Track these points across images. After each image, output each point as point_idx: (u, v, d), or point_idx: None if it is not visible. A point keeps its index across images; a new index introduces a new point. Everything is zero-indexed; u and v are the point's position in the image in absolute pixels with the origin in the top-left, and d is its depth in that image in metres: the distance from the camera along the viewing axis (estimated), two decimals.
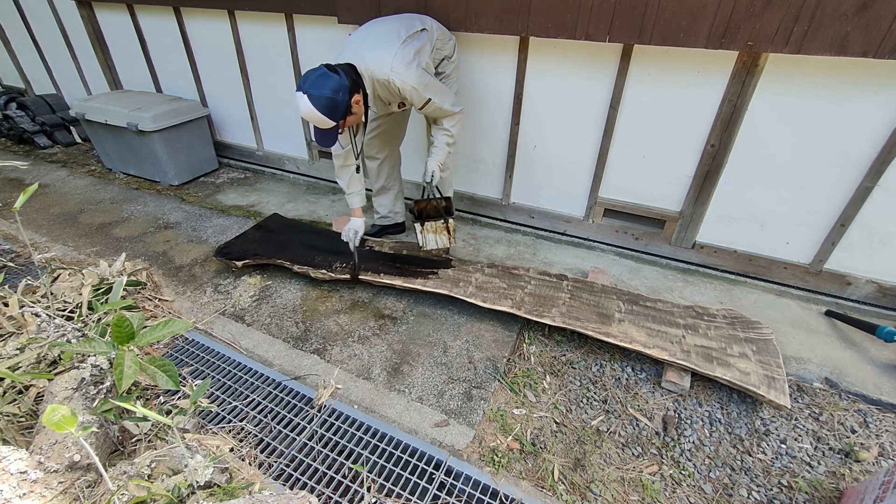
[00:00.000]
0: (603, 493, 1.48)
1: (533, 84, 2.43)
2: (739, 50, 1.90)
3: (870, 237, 2.09)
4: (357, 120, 1.98)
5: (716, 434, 1.66)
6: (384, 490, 1.46)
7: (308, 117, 1.80)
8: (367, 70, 1.89)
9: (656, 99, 2.20)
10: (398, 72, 1.86)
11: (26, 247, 2.66)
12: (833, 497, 1.47)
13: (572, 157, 2.54)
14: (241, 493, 1.34)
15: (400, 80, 1.87)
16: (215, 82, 3.59)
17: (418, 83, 1.90)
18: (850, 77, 1.84)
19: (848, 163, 1.99)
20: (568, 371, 1.91)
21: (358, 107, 1.89)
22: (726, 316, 2.06)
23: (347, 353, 2.00)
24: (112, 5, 3.59)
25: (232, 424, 1.66)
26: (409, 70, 1.88)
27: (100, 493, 1.23)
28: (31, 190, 1.66)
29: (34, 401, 1.56)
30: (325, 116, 1.78)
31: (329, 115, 1.78)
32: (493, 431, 1.66)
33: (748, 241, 2.35)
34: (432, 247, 2.35)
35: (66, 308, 2.05)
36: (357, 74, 1.88)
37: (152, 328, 1.39)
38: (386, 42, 1.92)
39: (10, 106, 4.23)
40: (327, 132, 1.88)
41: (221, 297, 2.34)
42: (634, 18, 1.96)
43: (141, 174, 3.63)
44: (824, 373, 1.90)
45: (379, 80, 1.91)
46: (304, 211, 3.16)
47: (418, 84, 1.90)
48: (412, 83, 1.89)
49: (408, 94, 1.93)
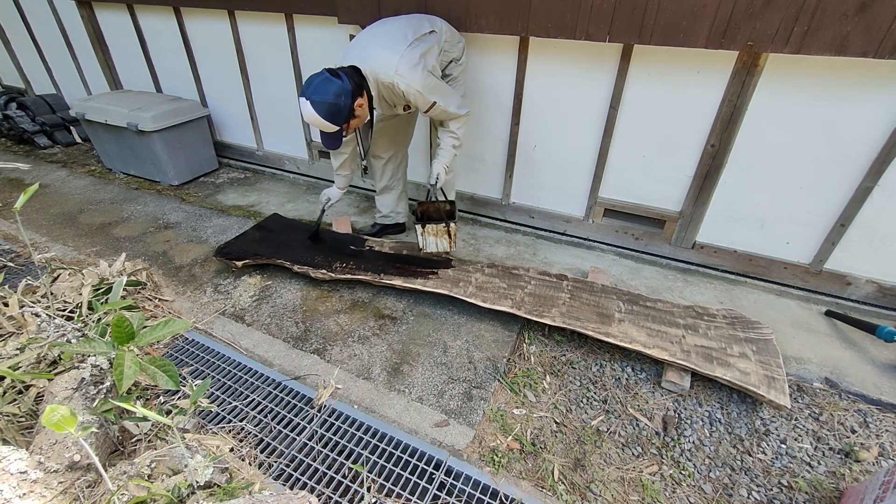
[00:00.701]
0: (603, 493, 1.48)
1: (533, 84, 2.43)
2: (739, 50, 1.90)
3: (870, 237, 2.09)
4: (361, 123, 1.98)
5: (716, 434, 1.66)
6: (384, 490, 1.46)
7: (312, 122, 1.82)
8: (372, 72, 1.89)
9: (656, 99, 2.20)
10: (403, 75, 1.85)
11: (26, 247, 2.66)
12: (833, 497, 1.47)
13: (572, 157, 2.54)
14: (241, 493, 1.34)
15: (404, 84, 1.86)
16: (215, 82, 3.59)
17: (423, 86, 1.89)
18: (850, 77, 1.84)
19: (848, 163, 1.99)
20: (568, 371, 1.91)
21: (361, 110, 1.89)
22: (726, 316, 2.06)
23: (347, 353, 2.00)
24: (112, 5, 3.59)
25: (232, 424, 1.66)
26: (413, 73, 1.87)
27: (100, 493, 1.23)
28: (31, 190, 1.66)
29: (34, 401, 1.56)
30: (328, 121, 1.79)
31: (332, 120, 1.80)
32: (493, 431, 1.66)
33: (748, 241, 2.35)
34: (432, 249, 2.35)
35: (66, 308, 2.05)
36: (361, 77, 1.87)
37: (152, 328, 1.39)
38: (392, 44, 1.91)
39: (10, 106, 4.23)
40: (332, 136, 1.90)
41: (221, 297, 2.34)
42: (634, 18, 1.96)
43: (141, 174, 3.63)
44: (824, 373, 1.90)
45: (383, 83, 1.90)
46: (304, 211, 3.16)
47: (423, 87, 1.89)
48: (417, 86, 1.88)
49: (412, 98, 1.92)
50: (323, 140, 1.95)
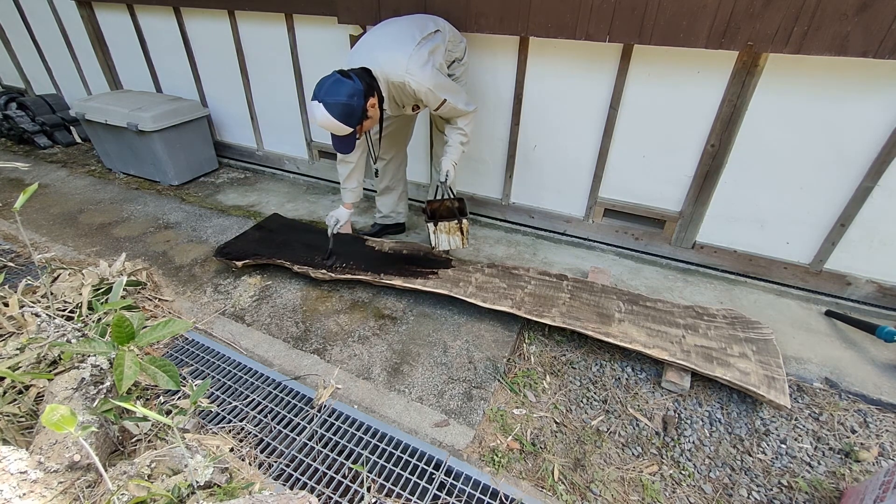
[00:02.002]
0: (603, 493, 1.48)
1: (533, 84, 2.43)
2: (739, 50, 1.90)
3: (870, 237, 2.09)
4: (373, 124, 1.97)
5: (716, 434, 1.66)
6: (384, 490, 1.46)
7: (325, 126, 1.79)
8: (382, 72, 1.88)
9: (656, 99, 2.20)
10: (413, 74, 1.85)
11: (26, 247, 2.66)
12: (833, 497, 1.47)
13: (572, 157, 2.54)
14: (241, 493, 1.34)
15: (416, 82, 1.86)
16: (215, 82, 3.59)
17: (434, 84, 1.89)
18: (851, 77, 1.84)
19: (848, 163, 1.99)
20: (568, 371, 1.91)
21: (374, 110, 1.87)
22: (726, 316, 2.06)
23: (347, 353, 2.00)
24: (112, 5, 3.59)
25: (232, 424, 1.66)
26: (424, 71, 1.87)
27: (100, 493, 1.23)
28: (30, 190, 1.66)
29: (34, 401, 1.56)
30: (341, 123, 1.76)
31: (345, 122, 1.77)
32: (493, 431, 1.66)
33: (748, 241, 2.35)
34: (445, 247, 2.33)
35: (66, 308, 2.05)
36: (371, 77, 1.86)
37: (152, 328, 1.39)
38: (401, 44, 1.90)
39: (10, 106, 4.23)
40: (345, 139, 1.87)
41: (221, 297, 2.34)
42: (634, 18, 1.96)
43: (141, 174, 3.63)
44: (824, 373, 1.90)
45: (394, 83, 1.90)
46: (304, 211, 3.16)
47: (434, 85, 1.89)
48: (428, 85, 1.88)
49: (423, 96, 1.91)
50: (335, 144, 1.91)
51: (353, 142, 1.91)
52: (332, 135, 1.87)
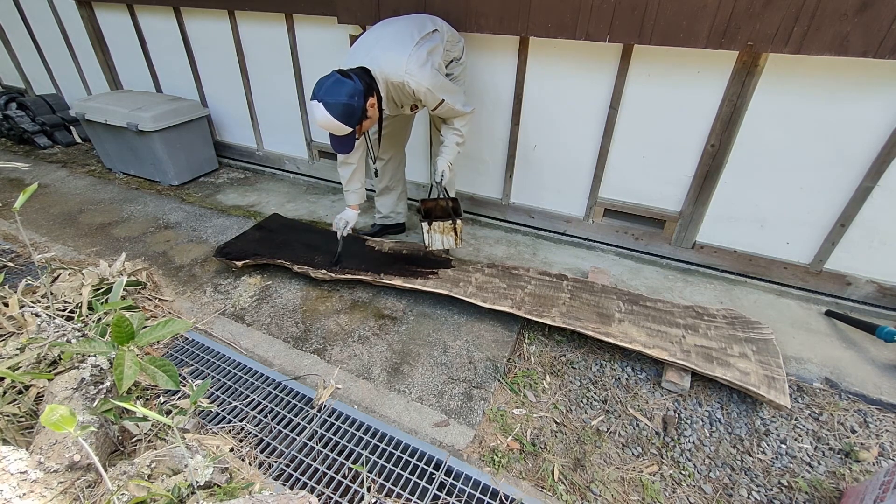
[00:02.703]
0: (603, 493, 1.48)
1: (533, 84, 2.43)
2: (739, 50, 1.90)
3: (870, 237, 2.09)
4: (372, 124, 1.97)
5: (716, 434, 1.66)
6: (384, 490, 1.46)
7: (325, 126, 1.79)
8: (381, 72, 1.88)
9: (656, 99, 2.20)
10: (413, 73, 1.85)
11: (26, 247, 2.66)
12: (833, 497, 1.47)
13: (572, 157, 2.54)
14: (241, 493, 1.34)
15: (415, 82, 1.86)
16: (215, 82, 3.59)
17: (432, 84, 1.89)
18: (851, 77, 1.84)
19: (848, 163, 1.99)
20: (568, 371, 1.91)
21: (373, 110, 1.88)
22: (726, 316, 2.06)
23: (347, 353, 2.00)
24: (112, 5, 3.59)
25: (232, 424, 1.66)
26: (423, 71, 1.87)
27: (100, 493, 1.23)
28: (30, 190, 1.66)
29: (34, 401, 1.56)
30: (341, 123, 1.77)
31: (345, 122, 1.77)
32: (493, 431, 1.66)
33: (748, 241, 2.35)
34: (438, 247, 2.34)
35: (66, 308, 2.05)
36: (370, 77, 1.86)
37: (152, 328, 1.39)
38: (400, 44, 1.91)
39: (10, 106, 4.23)
40: (344, 139, 1.87)
41: (221, 297, 2.34)
42: (634, 18, 1.96)
43: (141, 174, 3.63)
44: (824, 373, 1.90)
45: (393, 83, 1.90)
46: (304, 211, 3.16)
47: (432, 85, 1.89)
48: (427, 84, 1.88)
49: (422, 96, 1.92)
50: (334, 144, 1.92)
51: (353, 142, 1.91)
52: (331, 135, 1.87)
